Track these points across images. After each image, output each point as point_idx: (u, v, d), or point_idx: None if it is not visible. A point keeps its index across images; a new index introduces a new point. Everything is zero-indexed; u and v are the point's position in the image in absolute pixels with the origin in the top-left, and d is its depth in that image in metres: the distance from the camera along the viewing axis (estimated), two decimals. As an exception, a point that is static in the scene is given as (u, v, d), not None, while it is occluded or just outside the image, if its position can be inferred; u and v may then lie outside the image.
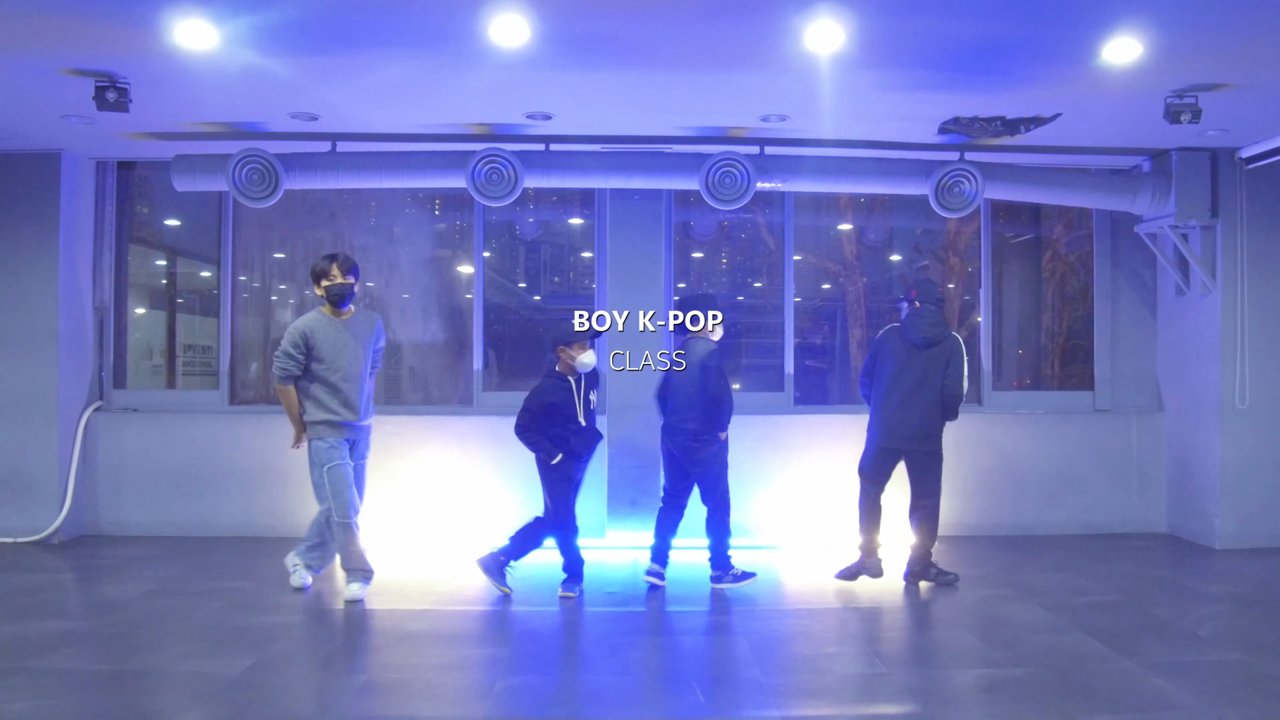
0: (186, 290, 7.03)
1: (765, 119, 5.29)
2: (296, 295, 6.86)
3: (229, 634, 4.10)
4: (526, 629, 4.31)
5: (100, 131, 5.57)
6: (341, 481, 4.68)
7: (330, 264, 4.75)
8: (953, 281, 7.14)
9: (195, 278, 7.01)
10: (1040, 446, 6.55)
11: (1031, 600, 4.76)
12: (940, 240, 7.15)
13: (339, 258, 4.78)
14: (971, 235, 7.07)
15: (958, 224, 7.06)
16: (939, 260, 7.21)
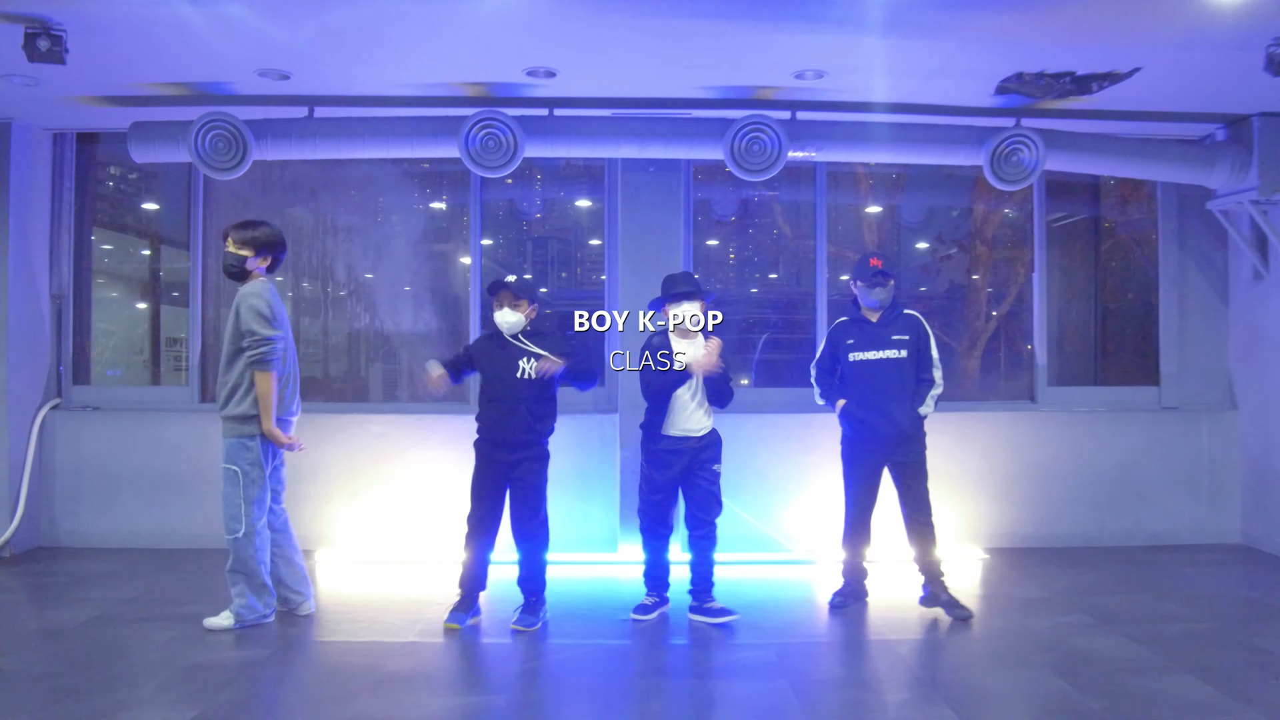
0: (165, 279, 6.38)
1: (800, 75, 4.62)
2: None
3: (176, 675, 3.46)
4: (528, 668, 3.65)
5: (48, 95, 4.94)
6: None
7: (226, 233, 4.13)
8: (980, 272, 6.47)
9: (171, 266, 6.36)
10: (1100, 448, 5.87)
11: (1114, 629, 4.09)
12: (966, 228, 6.47)
13: (240, 225, 4.12)
14: (1000, 222, 6.40)
15: (985, 211, 6.40)
16: (965, 249, 6.53)
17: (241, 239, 4.08)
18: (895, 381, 4.32)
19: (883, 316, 4.41)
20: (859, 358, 4.37)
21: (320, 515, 5.57)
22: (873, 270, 4.35)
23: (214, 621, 3.99)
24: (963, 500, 5.73)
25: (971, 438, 5.77)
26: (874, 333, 4.37)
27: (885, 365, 4.33)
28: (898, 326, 4.38)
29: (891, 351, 4.33)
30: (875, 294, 4.36)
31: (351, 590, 4.83)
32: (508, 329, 4.10)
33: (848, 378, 4.41)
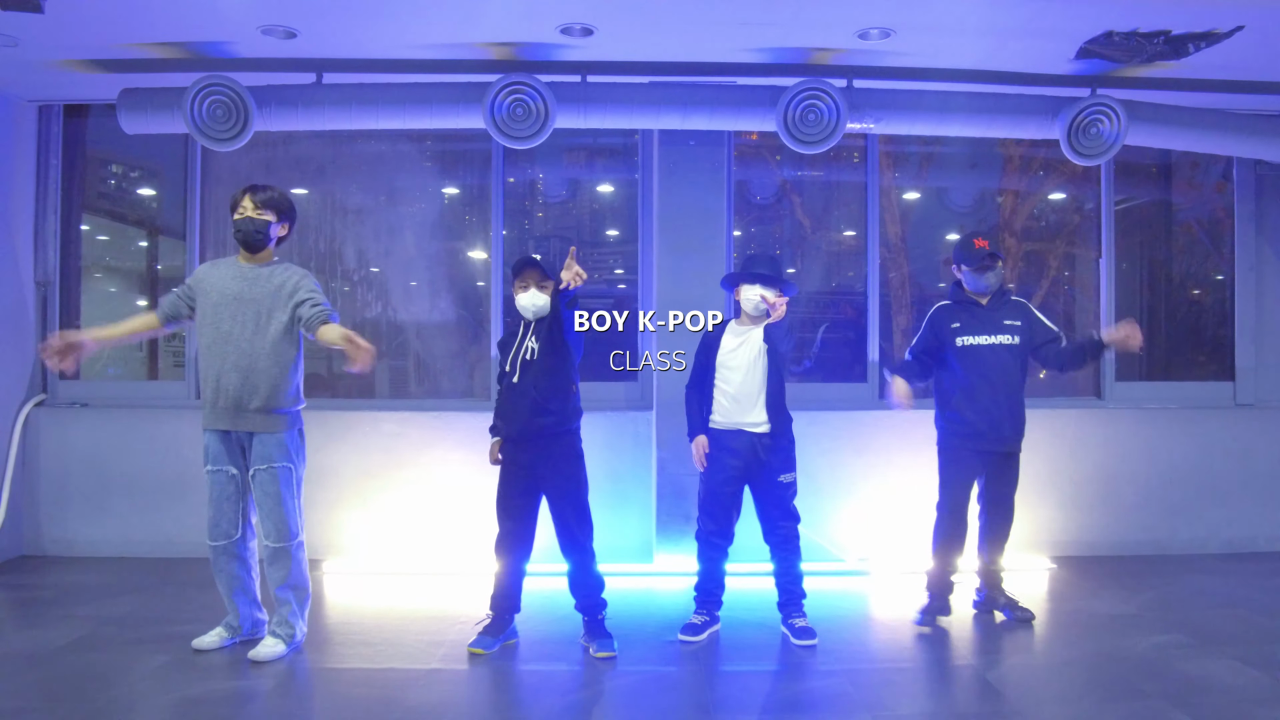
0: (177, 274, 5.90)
1: (864, 35, 4.17)
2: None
3: (166, 710, 3.01)
4: (566, 701, 3.19)
5: (29, 58, 4.48)
6: (210, 493, 3.57)
7: (244, 194, 3.58)
8: (1007, 266, 5.99)
9: (166, 253, 5.89)
10: (1172, 448, 5.42)
11: (1222, 651, 3.65)
12: (994, 219, 6.01)
13: (254, 188, 3.60)
14: (1028, 214, 5.95)
15: (1014, 200, 5.95)
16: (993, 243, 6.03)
17: (262, 200, 3.56)
18: (1009, 369, 3.97)
19: (992, 300, 4.04)
20: (969, 342, 3.98)
21: (329, 522, 5.11)
22: (980, 252, 3.98)
23: (263, 652, 3.50)
24: (1025, 506, 5.16)
25: (1034, 438, 5.16)
26: (985, 316, 4.01)
27: (999, 351, 3.97)
28: (1008, 311, 4.03)
29: (1005, 337, 3.98)
30: (986, 278, 4.01)
31: (364, 606, 4.37)
32: (533, 313, 3.63)
33: (954, 366, 4.01)
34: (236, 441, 3.55)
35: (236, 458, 3.56)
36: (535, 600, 4.01)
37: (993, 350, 3.96)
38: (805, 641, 3.69)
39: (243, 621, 3.69)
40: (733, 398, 3.77)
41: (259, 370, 3.48)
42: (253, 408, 3.48)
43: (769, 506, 3.82)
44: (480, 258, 5.59)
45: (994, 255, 3.98)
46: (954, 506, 4.03)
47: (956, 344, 3.99)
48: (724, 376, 3.80)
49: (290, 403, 3.55)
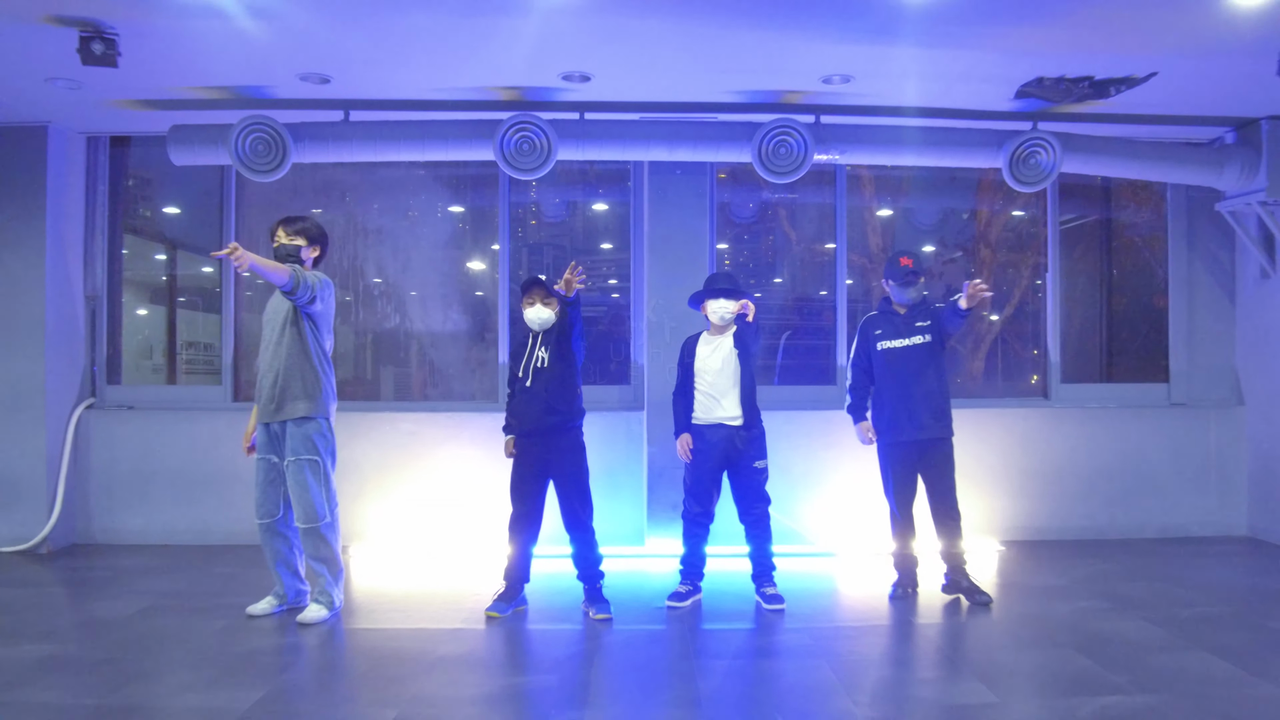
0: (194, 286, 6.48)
1: (827, 80, 4.78)
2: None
3: (234, 660, 3.58)
4: (574, 652, 3.78)
5: (89, 98, 5.06)
6: (255, 477, 4.22)
7: (278, 225, 4.20)
8: (983, 275, 6.61)
9: (201, 274, 6.47)
10: (1111, 443, 6.04)
11: (1132, 613, 4.24)
12: (970, 232, 6.62)
13: (288, 219, 4.22)
14: (1003, 226, 6.56)
15: (989, 214, 6.56)
16: (969, 253, 6.68)
17: (294, 230, 4.17)
18: (922, 364, 4.48)
19: (910, 309, 4.58)
20: (887, 346, 4.54)
21: (353, 511, 5.68)
22: (905, 270, 4.51)
23: (309, 616, 4.08)
24: (979, 495, 5.87)
25: (987, 434, 5.92)
26: (901, 323, 4.56)
27: (912, 351, 4.49)
28: (920, 315, 4.55)
29: (918, 338, 4.50)
30: (908, 293, 4.53)
31: (390, 583, 4.94)
32: (539, 325, 4.22)
33: (878, 367, 4.57)
34: (275, 434, 4.13)
35: (278, 447, 4.15)
36: (541, 577, 4.57)
37: (906, 350, 4.49)
38: (774, 606, 4.28)
39: (287, 590, 4.26)
40: (710, 396, 4.37)
41: (286, 373, 4.07)
42: (285, 406, 4.07)
43: (744, 490, 4.41)
44: (487, 273, 6.18)
45: (915, 272, 4.50)
46: (899, 496, 4.56)
47: (878, 348, 4.56)
48: (701, 378, 4.41)
49: (317, 403, 4.12)
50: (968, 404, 5.92)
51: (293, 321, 4.09)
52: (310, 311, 4.08)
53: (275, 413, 4.08)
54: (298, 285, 3.94)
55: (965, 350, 6.47)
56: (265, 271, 3.87)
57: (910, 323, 4.54)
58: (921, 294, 4.60)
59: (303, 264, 4.19)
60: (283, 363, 4.07)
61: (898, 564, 4.64)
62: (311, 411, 4.09)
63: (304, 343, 4.10)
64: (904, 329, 4.54)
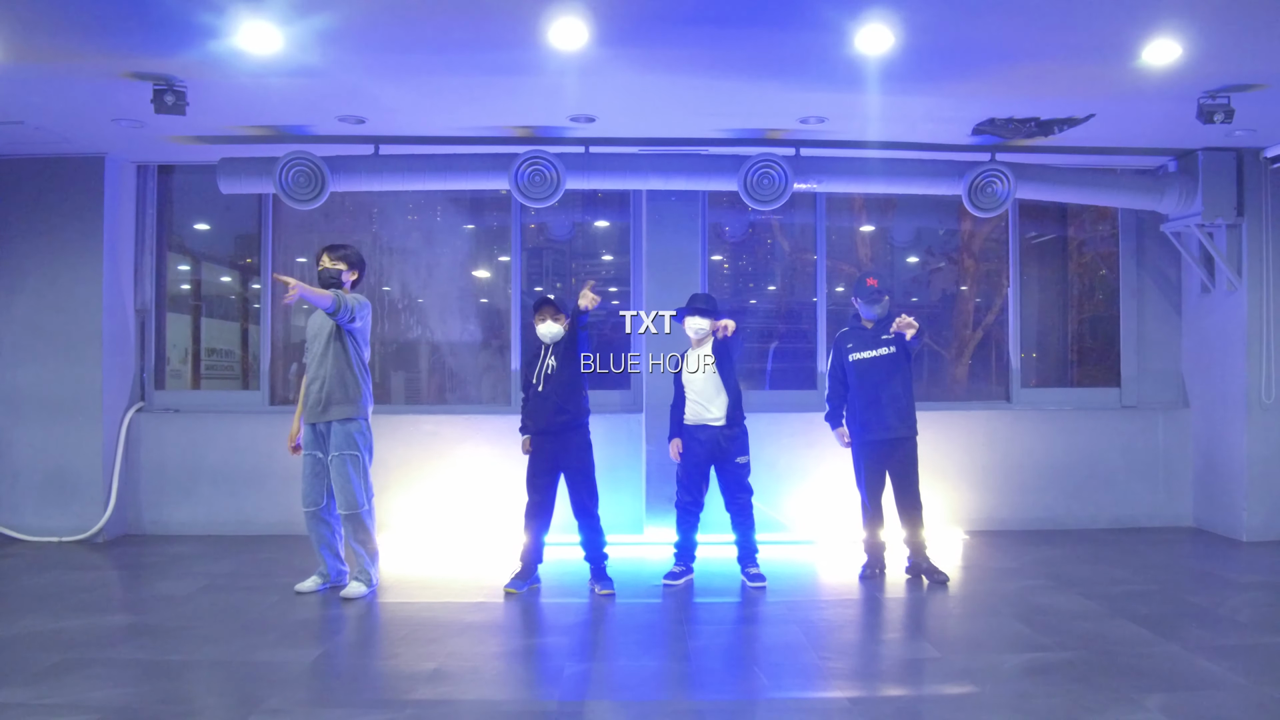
0: (214, 295, 7.12)
1: (804, 121, 5.40)
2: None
3: (292, 626, 4.19)
4: (580, 620, 4.40)
5: (147, 135, 5.68)
6: (302, 470, 4.81)
7: (322, 252, 4.83)
8: (967, 284, 7.24)
9: (221, 283, 7.10)
10: (1068, 442, 6.65)
11: (1070, 590, 4.85)
12: (955, 243, 7.25)
13: (331, 246, 4.84)
14: (985, 237, 7.18)
15: (972, 226, 7.17)
16: (954, 263, 7.30)
17: (337, 256, 4.81)
18: (888, 372, 5.09)
19: (877, 324, 5.20)
20: (857, 357, 5.18)
21: (381, 504, 6.25)
22: (870, 290, 5.19)
23: (351, 592, 4.68)
24: (947, 489, 6.49)
25: (954, 434, 6.54)
26: (869, 336, 5.19)
27: (879, 361, 5.13)
28: (886, 329, 5.11)
29: (884, 349, 5.13)
30: (874, 309, 5.18)
31: (415, 567, 5.54)
32: (550, 338, 4.84)
33: (850, 376, 5.19)
34: (321, 433, 4.74)
35: (322, 445, 4.75)
36: (553, 562, 5.16)
37: (874, 360, 5.13)
38: (757, 584, 4.89)
39: (330, 570, 4.86)
40: (697, 401, 5.02)
41: (331, 380, 4.69)
42: (331, 409, 4.69)
43: (729, 482, 5.02)
44: (500, 286, 6.80)
45: (879, 291, 5.16)
46: (869, 489, 5.18)
47: (849, 359, 5.20)
48: (690, 387, 5.06)
49: (358, 406, 4.74)
50: (936, 407, 6.56)
51: (336, 337, 4.70)
52: (350, 329, 4.70)
53: (321, 414, 4.69)
54: (339, 307, 4.56)
55: (950, 355, 7.08)
56: (312, 298, 4.50)
57: (877, 336, 5.17)
58: (886, 310, 5.20)
59: (343, 286, 4.80)
60: (328, 371, 4.68)
61: (867, 548, 5.24)
62: (353, 414, 4.70)
63: (346, 355, 4.71)
64: (872, 341, 5.17)
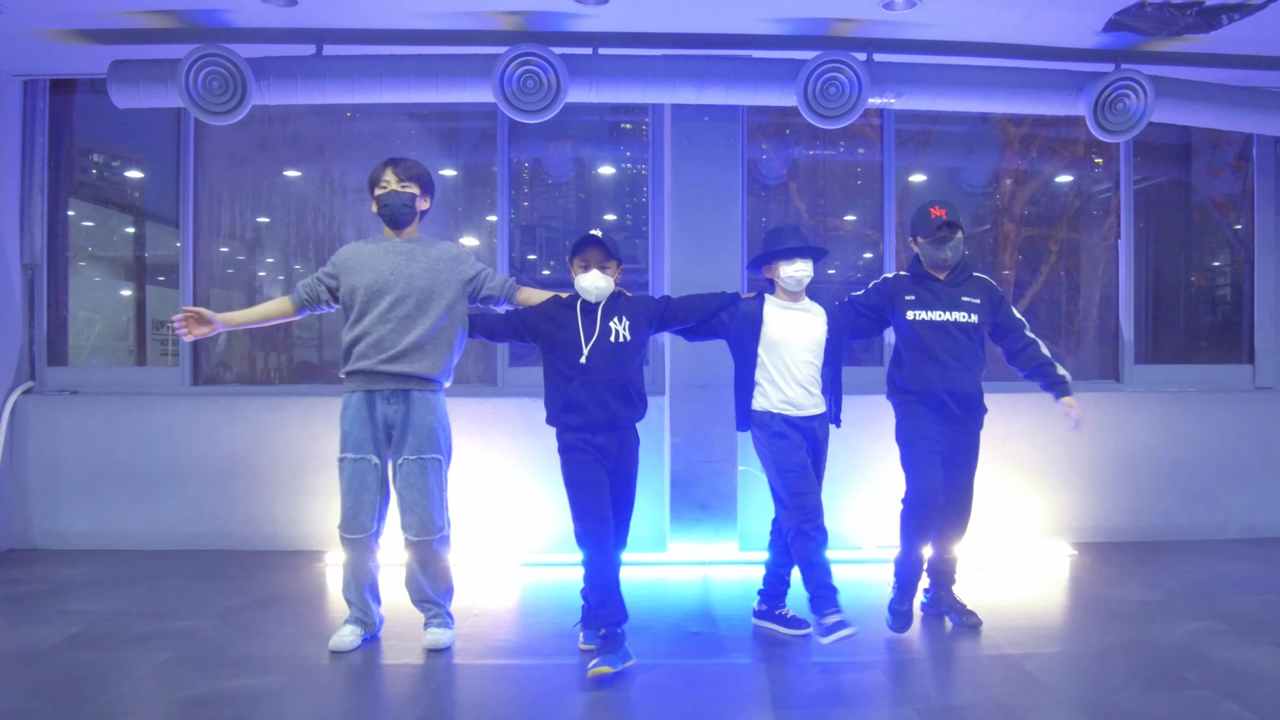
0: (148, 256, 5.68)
1: (888, 4, 4.02)
2: (274, 246, 5.55)
3: (170, 712, 2.85)
4: (593, 699, 3.06)
5: (11, 26, 4.29)
6: (346, 483, 3.39)
7: (385, 168, 3.43)
8: (1005, 251, 5.87)
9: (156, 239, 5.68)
10: (1190, 431, 5.35)
11: (1261, 639, 3.55)
12: (994, 204, 5.87)
13: (397, 161, 3.44)
14: (1026, 200, 5.82)
15: (1012, 186, 5.81)
16: (994, 226, 5.92)
17: (407, 173, 3.41)
18: (965, 348, 3.65)
19: (951, 275, 3.70)
20: (921, 317, 3.64)
21: (330, 512, 4.92)
22: (936, 221, 3.61)
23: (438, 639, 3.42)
24: (1045, 491, 5.19)
25: (1052, 421, 5.17)
26: (941, 291, 3.67)
27: (953, 329, 3.63)
28: (969, 288, 3.70)
29: (961, 315, 3.63)
30: (943, 252, 3.64)
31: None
32: (596, 295, 3.36)
33: (905, 341, 3.70)
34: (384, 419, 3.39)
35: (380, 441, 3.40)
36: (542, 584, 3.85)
37: (944, 327, 3.63)
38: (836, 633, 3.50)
39: (374, 617, 3.53)
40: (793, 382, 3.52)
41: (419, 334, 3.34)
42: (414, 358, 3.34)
43: None
44: (484, 239, 5.42)
45: (951, 224, 3.61)
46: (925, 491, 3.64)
47: (907, 316, 3.66)
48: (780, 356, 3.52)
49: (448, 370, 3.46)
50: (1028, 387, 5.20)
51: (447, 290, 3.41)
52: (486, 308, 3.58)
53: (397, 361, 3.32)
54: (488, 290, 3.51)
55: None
56: None
57: (955, 294, 3.67)
58: (960, 254, 3.69)
59: (415, 215, 3.45)
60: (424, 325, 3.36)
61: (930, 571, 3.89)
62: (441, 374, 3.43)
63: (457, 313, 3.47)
64: (946, 300, 3.66)
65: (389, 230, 3.46)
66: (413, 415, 3.33)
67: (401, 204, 3.39)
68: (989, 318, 3.71)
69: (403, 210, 3.40)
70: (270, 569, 4.62)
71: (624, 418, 3.35)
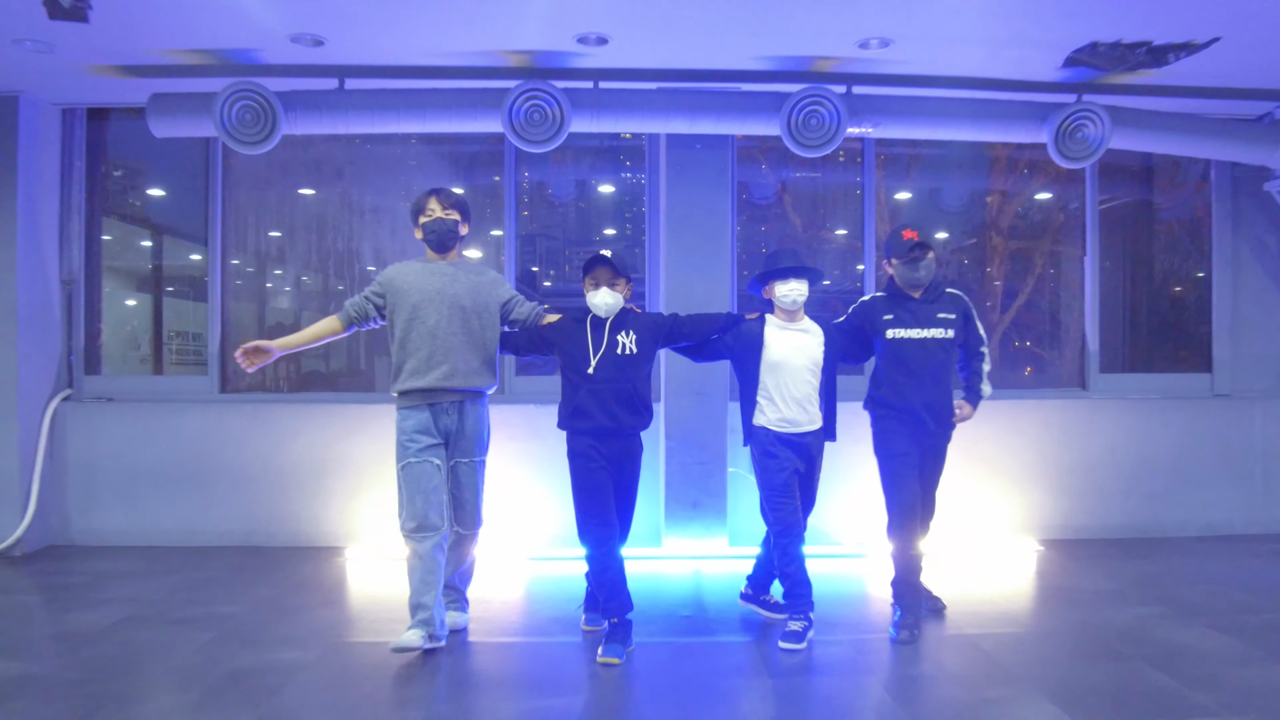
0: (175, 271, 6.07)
1: (864, 45, 4.41)
2: (296, 263, 5.94)
3: (222, 680, 3.22)
4: (594, 669, 3.43)
5: (61, 63, 4.67)
6: (414, 484, 3.58)
7: (429, 197, 3.72)
8: (993, 263, 6.25)
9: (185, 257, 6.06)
10: (1152, 436, 5.71)
11: (1196, 621, 3.92)
12: (980, 219, 6.26)
13: (440, 191, 3.73)
14: (1014, 214, 6.21)
15: (1000, 200, 6.21)
16: (981, 240, 6.30)
17: (451, 202, 3.71)
18: (942, 364, 3.90)
19: (926, 293, 3.94)
20: (900, 335, 3.87)
21: (348, 511, 5.34)
22: (909, 244, 3.84)
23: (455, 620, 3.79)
24: (1015, 491, 5.56)
25: (1023, 426, 5.60)
26: (918, 310, 3.90)
27: (931, 345, 3.87)
28: (943, 304, 3.93)
29: (938, 331, 3.87)
30: (916, 272, 3.86)
31: (390, 592, 4.57)
32: (606, 311, 3.67)
33: (885, 359, 3.94)
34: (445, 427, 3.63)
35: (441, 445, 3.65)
36: (549, 578, 4.22)
37: (924, 344, 3.87)
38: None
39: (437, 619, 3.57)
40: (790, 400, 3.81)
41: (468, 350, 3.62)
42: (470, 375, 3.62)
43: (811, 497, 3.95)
44: (491, 256, 5.80)
45: (922, 246, 3.83)
46: (904, 500, 3.91)
47: (887, 335, 3.90)
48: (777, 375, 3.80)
49: (495, 379, 3.75)
50: (1001, 395, 5.57)
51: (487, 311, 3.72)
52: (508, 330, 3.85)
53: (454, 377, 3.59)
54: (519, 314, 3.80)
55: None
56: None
57: (930, 311, 3.89)
58: (933, 273, 3.91)
59: (460, 241, 3.77)
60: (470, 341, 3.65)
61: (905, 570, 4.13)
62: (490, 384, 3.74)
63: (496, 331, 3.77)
64: (922, 318, 3.88)
65: (432, 254, 3.75)
66: (466, 423, 3.64)
67: (446, 230, 3.68)
68: (962, 331, 3.99)
69: (448, 235, 3.69)
70: (294, 562, 4.99)
71: (628, 426, 3.64)
